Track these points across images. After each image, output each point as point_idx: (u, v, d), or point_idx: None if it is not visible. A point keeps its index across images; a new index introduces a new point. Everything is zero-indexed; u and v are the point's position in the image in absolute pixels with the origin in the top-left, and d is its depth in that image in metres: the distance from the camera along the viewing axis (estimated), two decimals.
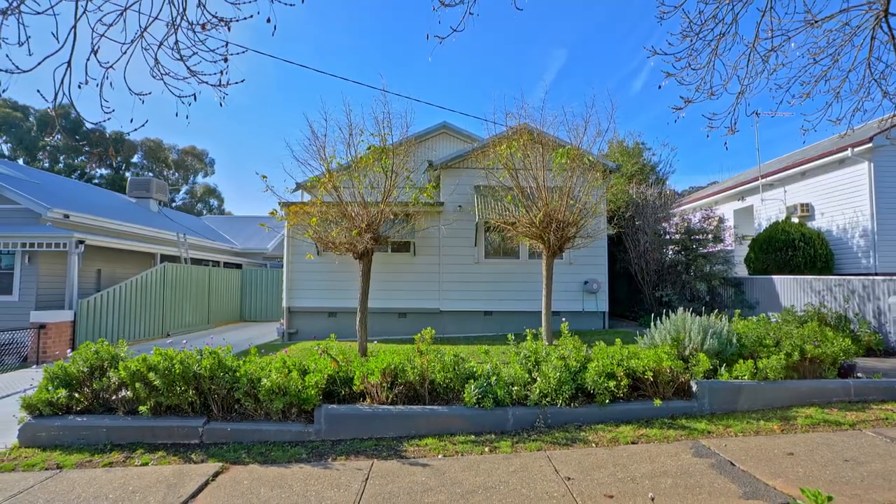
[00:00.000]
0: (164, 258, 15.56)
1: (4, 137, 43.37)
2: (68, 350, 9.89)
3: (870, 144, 10.83)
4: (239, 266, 20.86)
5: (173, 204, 46.34)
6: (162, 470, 4.11)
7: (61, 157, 45.42)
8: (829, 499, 1.57)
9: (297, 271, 11.28)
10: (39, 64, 1.93)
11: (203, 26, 2.42)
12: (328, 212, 8.24)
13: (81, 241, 11.03)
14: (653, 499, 3.22)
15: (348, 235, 7.72)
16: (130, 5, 2.21)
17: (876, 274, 11.08)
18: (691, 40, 3.03)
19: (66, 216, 11.92)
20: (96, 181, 45.02)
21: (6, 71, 1.92)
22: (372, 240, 7.83)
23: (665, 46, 3.86)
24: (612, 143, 16.83)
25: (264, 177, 7.91)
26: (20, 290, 11.41)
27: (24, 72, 1.90)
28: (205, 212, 50.58)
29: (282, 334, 11.45)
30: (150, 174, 47.07)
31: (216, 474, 3.98)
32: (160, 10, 2.31)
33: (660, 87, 3.98)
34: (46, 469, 4.18)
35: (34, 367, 9.14)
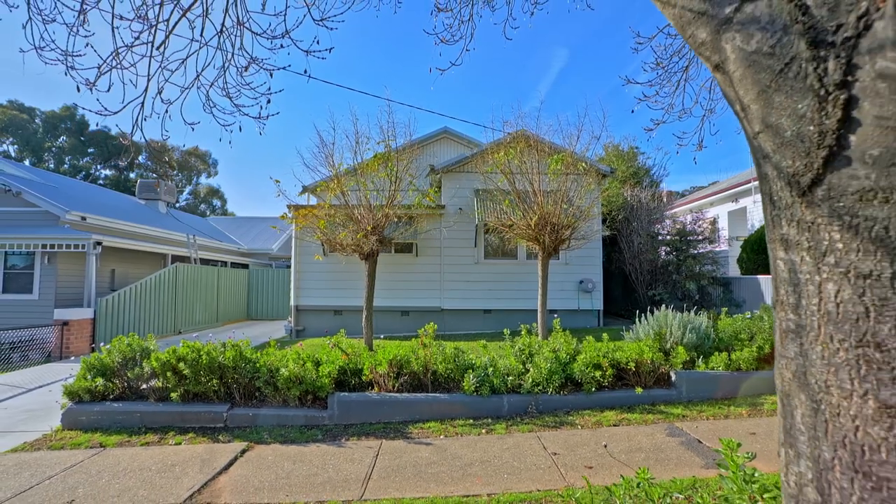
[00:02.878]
0: (175, 258, 16.09)
1: (11, 139, 43.95)
2: (89, 346, 10.44)
3: None
4: (245, 266, 21.39)
5: (177, 205, 46.84)
6: (194, 448, 4.62)
7: (67, 159, 45.94)
8: (739, 445, 2.06)
9: (305, 271, 11.79)
10: (124, 108, 2.43)
11: (245, 68, 2.93)
12: (336, 214, 8.74)
13: (99, 243, 11.55)
14: (605, 445, 3.79)
15: (355, 237, 8.22)
16: (188, 57, 2.72)
17: None
18: (658, 74, 3.53)
19: (83, 218, 12.44)
20: (101, 182, 45.48)
21: (98, 113, 2.43)
22: (377, 241, 8.33)
23: (652, 65, 4.33)
24: (607, 146, 17.34)
25: (277, 181, 8.44)
26: (40, 289, 11.94)
27: (114, 113, 2.40)
28: (208, 212, 51.08)
29: (290, 331, 11.96)
30: (154, 175, 47.49)
31: (243, 451, 4.49)
32: (212, 58, 2.82)
33: (633, 111, 4.48)
34: (91, 448, 4.69)
35: (62, 360, 9.66)
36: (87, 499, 3.54)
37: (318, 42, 2.66)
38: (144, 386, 5.68)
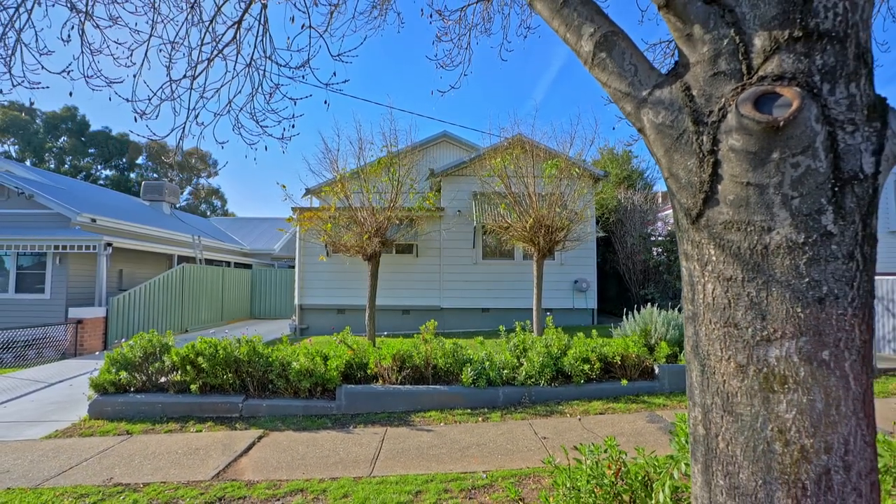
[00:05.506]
0: (180, 259, 16.47)
1: (13, 139, 44.23)
2: (102, 343, 10.83)
3: None
4: (248, 266, 21.77)
5: (177, 205, 46.99)
6: (214, 435, 5.02)
7: (67, 159, 46.17)
8: (685, 418, 2.47)
9: (309, 271, 12.19)
10: (171, 132, 2.84)
11: (271, 94, 3.34)
12: (340, 217, 9.14)
13: (109, 244, 11.94)
14: (580, 419, 4.26)
15: (359, 239, 8.63)
16: (221, 86, 3.13)
17: None
18: None
19: (94, 220, 12.82)
20: (101, 182, 45.71)
21: (147, 138, 2.83)
22: (380, 243, 8.74)
23: None
24: (602, 150, 17.79)
25: (284, 186, 8.89)
26: (52, 289, 12.32)
27: (162, 138, 2.80)
28: (208, 213, 51.32)
29: (294, 329, 12.36)
30: (154, 175, 47.70)
31: (260, 437, 4.90)
32: (242, 86, 3.23)
33: (613, 128, 4.90)
34: (119, 434, 5.10)
35: (77, 357, 10.04)
36: (124, 476, 3.95)
37: (335, 75, 3.07)
38: (164, 379, 6.08)
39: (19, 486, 3.80)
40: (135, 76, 2.95)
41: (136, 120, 2.71)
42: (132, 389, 5.94)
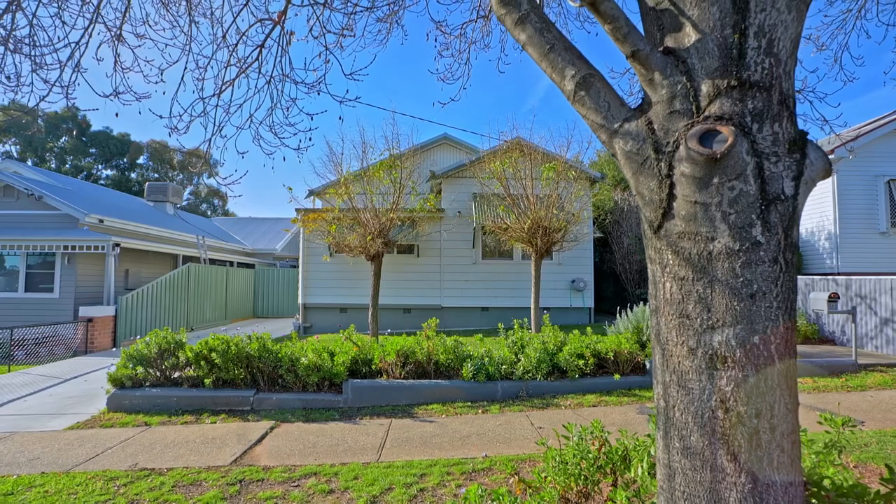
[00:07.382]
0: (185, 259, 16.74)
1: (14, 139, 44.44)
2: (111, 341, 11.11)
3: (832, 156, 12.04)
4: (251, 266, 22.04)
5: (177, 205, 47.15)
6: (228, 426, 5.31)
7: (68, 159, 46.36)
8: None
9: (312, 271, 12.48)
10: (201, 145, 3.13)
11: (288, 109, 3.63)
12: (343, 219, 9.43)
13: (117, 244, 12.21)
14: (574, 410, 4.46)
15: (362, 240, 8.91)
16: (244, 102, 3.42)
17: (838, 274, 12.28)
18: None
19: (101, 221, 13.09)
20: (102, 181, 45.89)
21: (176, 149, 3.12)
22: (382, 244, 9.03)
23: (626, 94, 4.99)
24: (599, 152, 18.09)
25: (290, 188, 9.17)
26: (60, 288, 12.59)
27: (190, 150, 3.08)
28: (209, 212, 51.52)
29: (297, 328, 12.64)
30: (156, 175, 47.87)
31: (272, 428, 5.19)
32: (262, 101, 3.52)
33: None
34: (138, 426, 5.38)
35: (87, 355, 10.32)
36: (148, 462, 4.23)
37: (347, 92, 3.36)
38: (177, 374, 6.36)
39: (52, 470, 4.08)
40: (164, 93, 3.24)
41: (170, 135, 3.00)
42: (147, 384, 6.22)
